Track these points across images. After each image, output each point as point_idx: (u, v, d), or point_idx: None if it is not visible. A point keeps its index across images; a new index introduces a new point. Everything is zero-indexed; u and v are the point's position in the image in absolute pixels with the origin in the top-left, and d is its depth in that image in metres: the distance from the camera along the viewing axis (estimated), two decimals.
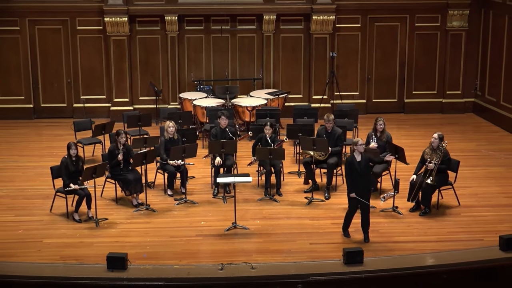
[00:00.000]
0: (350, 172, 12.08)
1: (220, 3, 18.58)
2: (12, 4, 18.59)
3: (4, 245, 12.02)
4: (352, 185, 12.05)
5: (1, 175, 15.22)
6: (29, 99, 19.21)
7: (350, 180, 12.15)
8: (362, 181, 12.08)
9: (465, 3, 19.11)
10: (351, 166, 12.06)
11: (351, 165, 12.06)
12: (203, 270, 11.01)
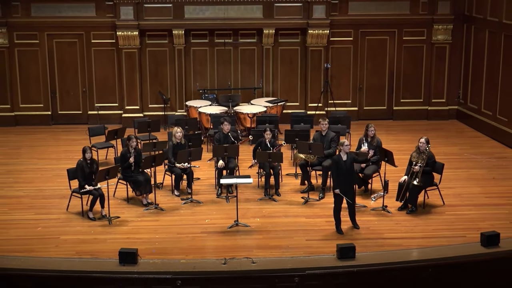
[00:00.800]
0: (336, 169, 12.28)
1: (223, 18, 18.60)
2: (32, 20, 18.62)
3: (25, 241, 12.06)
4: (338, 181, 12.23)
5: (21, 177, 15.23)
6: (48, 106, 19.22)
7: (336, 177, 12.31)
8: (347, 178, 12.30)
9: (449, 18, 19.13)
10: (338, 165, 12.25)
11: (338, 164, 12.26)
12: (207, 264, 11.01)
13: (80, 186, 13.09)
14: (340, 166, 12.22)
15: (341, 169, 12.21)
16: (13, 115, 19.12)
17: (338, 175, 12.26)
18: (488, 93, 18.14)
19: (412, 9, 19.17)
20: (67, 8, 18.67)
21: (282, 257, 11.33)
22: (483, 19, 18.17)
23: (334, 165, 12.34)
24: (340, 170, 12.22)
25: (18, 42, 18.79)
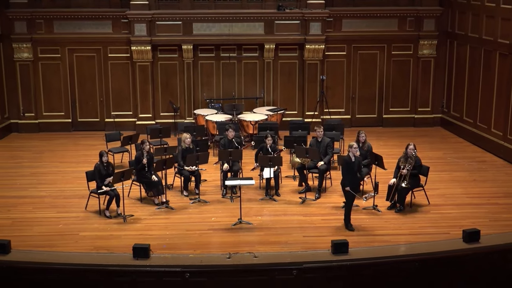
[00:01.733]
0: (347, 169, 12.31)
1: (228, 34, 18.63)
2: (54, 36, 18.65)
3: (47, 237, 12.09)
4: (348, 180, 12.26)
5: (44, 178, 15.25)
6: (68, 114, 19.23)
7: (347, 176, 12.32)
8: (355, 178, 12.38)
9: (434, 34, 19.14)
10: (348, 165, 12.29)
11: (348, 164, 12.29)
12: (213, 258, 11.02)
13: (98, 187, 13.12)
14: (350, 166, 12.29)
15: (351, 169, 12.29)
16: (37, 122, 19.14)
17: (348, 174, 12.32)
18: (469, 102, 18.14)
19: (400, 26, 19.17)
20: (86, 25, 18.69)
21: (281, 252, 11.34)
22: (464, 35, 18.19)
23: (345, 166, 12.37)
24: (350, 170, 12.30)
25: (41, 56, 18.82)
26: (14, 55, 18.66)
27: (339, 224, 12.62)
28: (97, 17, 18.65)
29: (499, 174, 15.46)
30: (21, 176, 15.44)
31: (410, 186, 13.02)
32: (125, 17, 18.45)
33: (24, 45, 18.61)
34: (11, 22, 18.48)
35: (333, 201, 13.79)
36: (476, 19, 17.52)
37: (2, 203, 13.71)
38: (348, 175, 12.34)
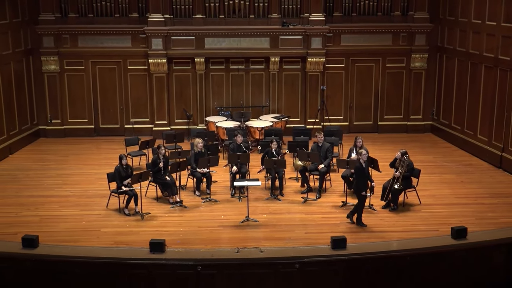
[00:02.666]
0: (360, 174, 12.37)
1: (237, 48, 18.65)
2: (79, 49, 18.71)
3: (72, 233, 12.13)
4: (363, 184, 12.34)
5: (69, 179, 15.29)
6: (91, 121, 19.28)
7: (360, 181, 12.38)
8: (365, 181, 12.47)
9: (425, 48, 19.12)
10: (361, 171, 12.37)
11: (361, 170, 12.35)
12: (223, 252, 11.01)
13: (118, 187, 13.15)
14: (362, 172, 12.35)
15: (363, 174, 12.36)
16: (63, 128, 19.18)
17: (362, 179, 12.36)
18: (457, 110, 18.12)
19: (394, 41, 19.16)
20: (108, 40, 18.74)
21: (285, 247, 11.35)
22: (453, 49, 18.17)
23: (358, 172, 12.39)
24: (362, 175, 12.35)
25: (67, 68, 18.87)
26: (42, 67, 18.74)
27: (338, 221, 12.62)
28: (118, 32, 18.70)
29: (484, 176, 15.42)
30: (48, 177, 15.49)
31: (402, 187, 13.02)
32: (143, 32, 18.49)
33: (52, 58, 18.69)
34: (39, 37, 18.57)
35: (332, 201, 13.79)
36: (464, 35, 17.52)
37: (30, 201, 13.76)
38: (361, 179, 12.39)
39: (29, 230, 11.68)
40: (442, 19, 18.76)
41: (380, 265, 10.84)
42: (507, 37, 15.47)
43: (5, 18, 17.01)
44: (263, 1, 18.61)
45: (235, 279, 10.67)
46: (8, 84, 17.26)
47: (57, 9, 18.63)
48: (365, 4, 18.97)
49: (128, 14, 18.81)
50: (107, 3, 18.64)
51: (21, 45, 18.07)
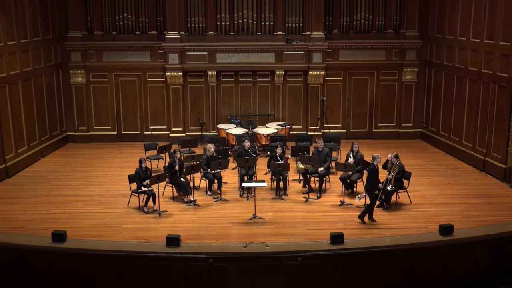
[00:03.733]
0: (374, 176, 12.40)
1: (245, 62, 18.66)
2: (103, 64, 18.78)
3: (96, 228, 12.15)
4: (375, 184, 12.42)
5: (94, 180, 15.32)
6: (114, 128, 19.32)
7: (375, 181, 12.43)
8: (378, 182, 12.57)
9: (415, 63, 19.11)
10: (375, 173, 12.42)
11: (375, 172, 12.41)
12: (232, 247, 11.02)
13: (138, 188, 13.17)
14: (375, 174, 12.39)
15: (375, 175, 12.40)
16: (89, 134, 19.24)
17: (376, 180, 12.40)
18: (444, 119, 18.08)
19: (387, 56, 19.14)
20: (129, 55, 18.80)
21: (288, 242, 11.34)
22: (441, 64, 18.14)
23: (373, 173, 12.41)
24: (376, 176, 12.40)
25: (93, 80, 18.93)
26: (70, 79, 18.81)
27: (337, 219, 12.60)
28: (138, 48, 18.76)
29: (469, 179, 15.36)
30: (75, 178, 15.52)
31: (394, 188, 13.00)
32: (161, 48, 18.54)
33: (79, 71, 18.76)
34: (68, 52, 18.65)
35: (331, 200, 13.77)
36: (450, 50, 17.49)
37: (59, 200, 13.80)
38: (374, 180, 12.41)
39: (58, 226, 11.73)
40: (430, 36, 18.74)
41: (374, 258, 10.83)
42: (490, 52, 15.45)
43: (37, 35, 17.10)
44: (269, 20, 18.64)
45: (243, 271, 10.68)
46: (40, 94, 17.34)
47: (84, 27, 18.72)
48: (361, 23, 18.98)
49: (147, 32, 18.87)
50: (129, 21, 18.71)
51: (52, 59, 18.15)
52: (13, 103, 15.75)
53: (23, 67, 16.28)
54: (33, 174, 15.90)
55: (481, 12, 15.72)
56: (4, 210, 13.14)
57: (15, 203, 13.61)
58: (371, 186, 12.46)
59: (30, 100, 16.73)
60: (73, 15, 18.48)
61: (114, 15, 18.69)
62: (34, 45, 16.90)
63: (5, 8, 15.25)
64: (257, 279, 10.68)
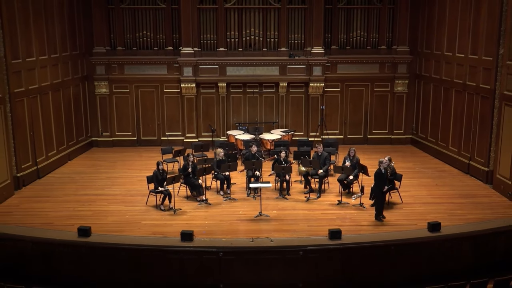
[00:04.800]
0: (380, 178, 12.38)
1: (252, 75, 18.71)
2: (125, 76, 18.86)
3: (118, 225, 12.20)
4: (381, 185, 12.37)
5: (116, 181, 15.37)
6: (134, 134, 19.38)
7: (380, 182, 12.38)
8: (384, 184, 12.48)
9: (406, 76, 19.09)
10: (380, 176, 12.38)
11: (380, 175, 12.38)
12: (240, 241, 11.00)
13: (155, 188, 13.20)
14: (382, 176, 12.34)
15: (382, 177, 12.35)
16: (111, 139, 19.30)
17: (381, 181, 12.36)
18: (432, 126, 18.03)
19: (380, 69, 19.13)
20: (148, 68, 18.87)
21: (291, 238, 11.33)
22: (429, 76, 18.12)
23: (378, 176, 12.38)
24: (382, 179, 12.35)
25: (115, 91, 19.02)
26: (95, 90, 18.90)
27: (335, 217, 12.59)
28: (156, 62, 18.84)
29: (455, 181, 15.31)
30: (99, 179, 15.58)
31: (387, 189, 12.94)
32: (176, 62, 18.60)
33: (103, 83, 18.85)
34: (93, 66, 18.75)
35: (330, 200, 13.75)
36: (438, 65, 17.47)
37: (85, 199, 13.85)
38: (380, 182, 12.36)
39: (83, 222, 11.79)
40: (420, 52, 18.72)
41: (369, 252, 10.78)
42: (473, 66, 15.41)
43: (66, 51, 17.20)
44: (273, 37, 18.67)
45: (250, 263, 10.65)
46: (68, 104, 17.42)
47: (107, 43, 18.82)
48: (356, 40, 18.98)
49: (164, 47, 18.93)
50: (148, 38, 18.79)
51: (79, 72, 18.24)
52: (44, 112, 15.84)
53: (53, 79, 16.37)
54: (61, 175, 15.96)
55: (466, 30, 15.71)
56: (35, 208, 13.21)
57: (45, 201, 13.68)
58: (377, 187, 12.41)
59: (59, 109, 16.81)
60: (98, 32, 18.58)
61: (134, 33, 18.77)
62: (63, 59, 16.99)
63: (37, 26, 15.35)
64: (263, 271, 10.66)
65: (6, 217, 12.50)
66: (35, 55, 15.32)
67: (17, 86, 14.37)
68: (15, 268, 11.04)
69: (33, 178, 15.24)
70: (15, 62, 14.26)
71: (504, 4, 13.85)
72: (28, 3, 14.86)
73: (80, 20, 18.04)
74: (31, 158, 15.19)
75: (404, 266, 10.86)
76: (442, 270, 10.96)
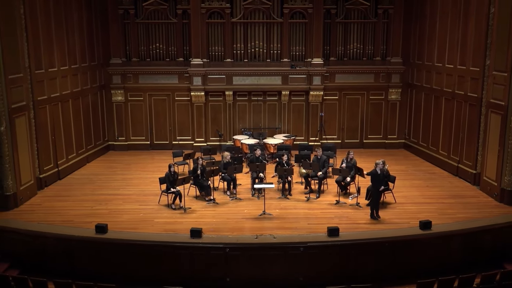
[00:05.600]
0: (375, 179, 12.38)
1: (257, 84, 18.71)
2: (139, 85, 18.89)
3: (132, 222, 12.20)
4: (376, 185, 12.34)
5: (131, 182, 15.38)
6: (147, 138, 19.38)
7: (375, 183, 12.37)
8: (380, 184, 12.46)
9: (399, 85, 19.05)
10: (375, 176, 12.38)
11: (375, 175, 12.38)
12: (245, 238, 11.02)
13: (167, 188, 13.22)
14: (377, 178, 12.32)
15: (377, 178, 12.33)
16: (126, 143, 19.32)
17: (376, 181, 12.35)
18: (423, 132, 17.99)
19: (375, 79, 19.10)
20: (161, 77, 18.90)
21: (292, 235, 11.32)
22: (420, 86, 18.08)
23: (372, 177, 12.39)
24: (377, 179, 12.33)
25: (130, 99, 19.05)
26: (112, 98, 18.95)
27: (333, 216, 12.56)
28: (168, 72, 18.86)
29: (445, 182, 15.26)
30: (115, 180, 15.61)
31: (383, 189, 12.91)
32: (187, 72, 18.64)
33: (119, 92, 18.90)
34: (110, 76, 18.81)
35: (328, 200, 13.73)
36: (429, 75, 17.44)
37: (102, 198, 13.88)
38: (376, 183, 12.34)
39: (100, 220, 11.80)
40: (412, 63, 18.70)
41: (365, 248, 10.78)
42: (462, 76, 15.39)
43: (85, 62, 17.28)
44: (276, 49, 18.69)
45: (254, 258, 10.67)
46: (87, 110, 17.49)
47: (123, 55, 18.89)
48: (353, 51, 18.98)
49: (176, 59, 18.97)
50: (160, 50, 18.84)
51: (97, 81, 18.30)
52: (65, 118, 15.90)
53: (73, 87, 16.44)
54: (80, 176, 16.00)
55: (455, 43, 15.69)
56: (56, 206, 13.25)
57: (65, 200, 13.72)
58: (373, 186, 12.41)
59: (78, 115, 16.87)
60: (114, 45, 18.66)
61: (148, 45, 18.83)
62: (82, 69, 17.07)
63: (59, 40, 15.44)
64: (266, 265, 10.66)
65: (29, 215, 12.54)
66: (57, 66, 15.40)
67: (40, 94, 14.45)
68: (38, 262, 11.09)
69: (55, 179, 15.28)
70: (38, 72, 14.34)
71: (490, 19, 13.85)
72: (51, 18, 14.95)
73: (98, 33, 18.12)
74: (53, 160, 15.25)
75: (398, 261, 10.84)
76: (433, 265, 10.93)
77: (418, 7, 18.01)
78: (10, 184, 12.83)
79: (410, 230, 11.30)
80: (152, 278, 10.71)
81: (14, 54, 12.99)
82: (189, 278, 10.65)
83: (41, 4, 14.38)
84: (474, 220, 11.90)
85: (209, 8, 18.29)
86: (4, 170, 12.71)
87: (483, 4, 14.03)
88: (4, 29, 12.43)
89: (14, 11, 12.97)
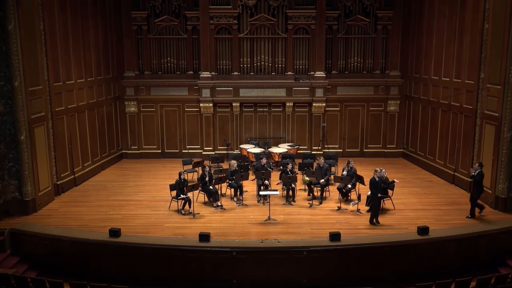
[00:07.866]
0: (373, 186, 12.35)
1: (262, 96, 18.76)
2: (151, 97, 18.97)
3: (144, 227, 12.21)
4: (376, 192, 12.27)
5: (143, 188, 15.41)
6: (159, 147, 19.44)
7: (374, 189, 12.32)
8: (379, 190, 12.36)
9: (397, 97, 19.05)
10: (374, 184, 12.35)
11: (373, 183, 12.36)
12: (251, 242, 11.01)
13: (177, 195, 13.24)
14: (376, 184, 12.29)
15: (376, 185, 12.29)
16: (139, 152, 19.39)
17: (374, 189, 12.30)
18: (421, 142, 17.95)
19: (375, 91, 19.11)
20: (172, 90, 18.98)
21: (296, 239, 11.29)
22: (418, 98, 18.08)
23: (372, 183, 12.35)
24: (376, 186, 12.29)
25: (143, 110, 19.14)
26: (125, 109, 19.04)
27: (335, 221, 12.52)
28: (178, 85, 18.95)
29: (441, 190, 15.20)
30: (128, 187, 15.64)
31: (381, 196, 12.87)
32: (196, 85, 18.73)
33: (132, 103, 19.01)
34: (124, 88, 18.93)
35: (330, 206, 13.71)
36: (426, 87, 17.44)
37: (115, 204, 13.92)
38: (375, 189, 12.30)
39: (114, 224, 11.84)
40: (410, 76, 18.71)
41: (365, 253, 10.75)
42: (457, 89, 15.38)
43: (100, 75, 17.42)
44: (281, 63, 18.77)
45: (260, 261, 10.66)
46: (102, 121, 17.59)
47: (136, 68, 19.02)
48: (354, 65, 19.03)
49: (186, 72, 19.07)
50: (171, 64, 18.96)
51: (111, 93, 18.42)
52: (81, 128, 16.01)
53: (89, 99, 16.56)
54: (95, 183, 16.06)
55: (450, 57, 15.71)
56: (72, 211, 13.29)
57: (81, 206, 13.76)
58: (372, 193, 12.39)
59: (93, 125, 16.98)
60: (128, 59, 18.80)
61: (160, 59, 18.97)
62: (97, 82, 17.21)
63: (76, 54, 15.60)
64: (271, 268, 10.64)
65: (47, 219, 12.60)
66: (74, 79, 15.55)
67: (58, 105, 14.57)
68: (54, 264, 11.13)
69: (71, 185, 15.36)
70: (56, 84, 14.48)
71: (484, 34, 13.87)
72: (68, 34, 15.12)
73: (113, 48, 18.28)
74: (69, 168, 15.33)
75: (396, 265, 10.80)
76: (430, 269, 10.88)
77: (415, 23, 18.06)
78: (29, 190, 12.92)
79: (408, 235, 11.26)
80: (162, 279, 10.72)
81: (34, 67, 13.14)
82: (198, 280, 10.65)
83: (60, 21, 14.56)
84: (470, 226, 11.85)
85: (217, 24, 18.42)
86: (23, 177, 12.80)
87: (477, 21, 14.07)
88: (25, 44, 12.60)
89: (34, 28, 13.15)
